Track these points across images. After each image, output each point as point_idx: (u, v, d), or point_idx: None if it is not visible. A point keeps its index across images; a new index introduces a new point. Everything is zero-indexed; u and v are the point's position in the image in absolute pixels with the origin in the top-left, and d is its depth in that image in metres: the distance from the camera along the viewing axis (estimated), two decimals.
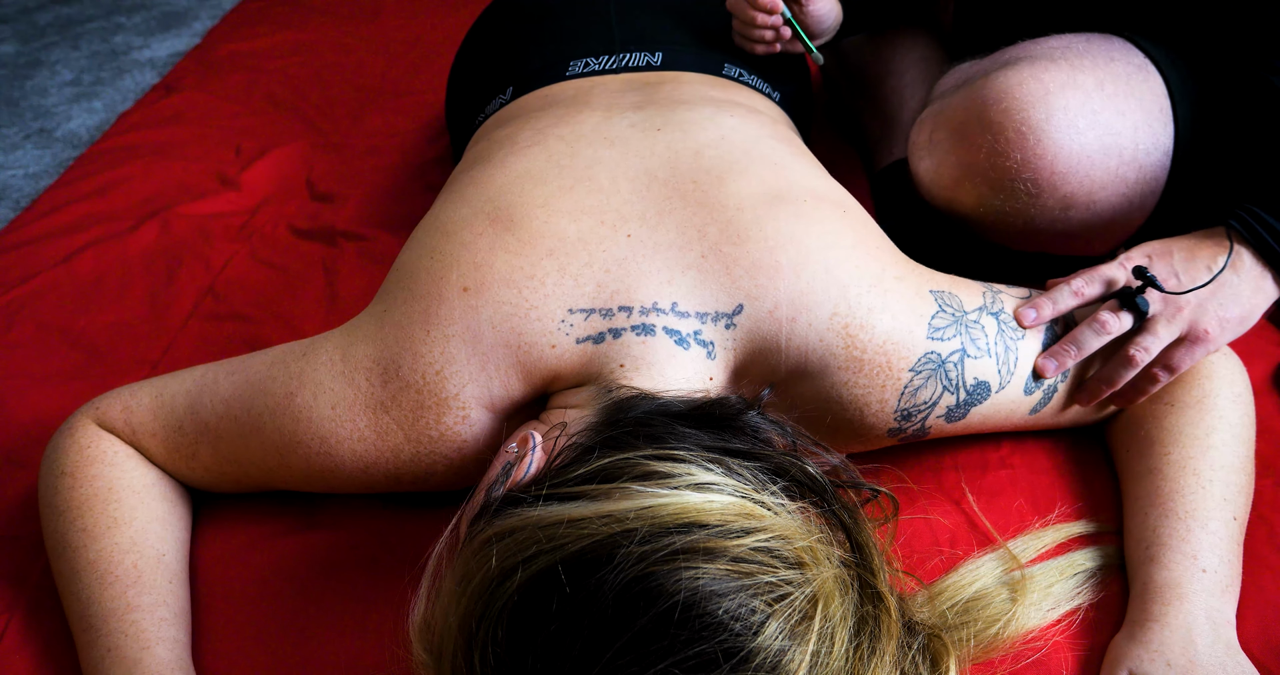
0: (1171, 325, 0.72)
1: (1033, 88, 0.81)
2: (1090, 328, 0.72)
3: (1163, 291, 0.72)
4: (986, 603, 0.65)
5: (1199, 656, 0.61)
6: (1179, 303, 0.72)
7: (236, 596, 0.72)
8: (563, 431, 0.58)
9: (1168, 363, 0.73)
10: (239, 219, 1.18)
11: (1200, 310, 0.72)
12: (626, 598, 0.45)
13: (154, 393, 0.73)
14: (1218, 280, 0.72)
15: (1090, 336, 0.72)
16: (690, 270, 0.67)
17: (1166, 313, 0.72)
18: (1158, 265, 0.74)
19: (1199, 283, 0.72)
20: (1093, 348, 0.72)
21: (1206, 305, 0.72)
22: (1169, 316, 0.72)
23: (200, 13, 1.94)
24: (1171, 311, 0.72)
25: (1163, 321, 0.72)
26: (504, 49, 0.98)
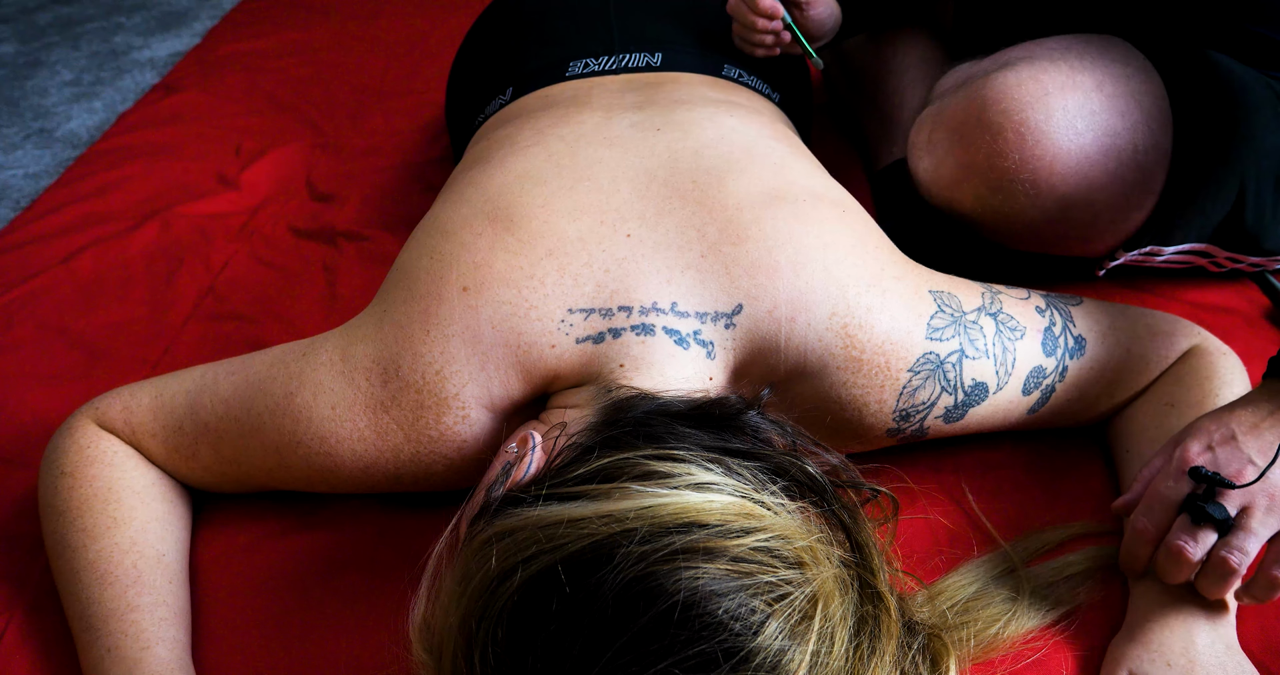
0: (1268, 516, 0.60)
1: (1032, 88, 0.81)
2: (1169, 559, 0.61)
3: (1233, 487, 0.60)
4: (986, 603, 0.65)
5: (1199, 656, 0.61)
6: (1264, 487, 0.60)
7: (236, 596, 0.72)
8: (563, 431, 0.58)
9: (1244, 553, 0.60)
10: (239, 219, 1.18)
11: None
12: (626, 598, 0.45)
13: (154, 393, 0.73)
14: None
15: (1174, 570, 0.62)
16: (690, 270, 0.67)
17: (1258, 503, 0.60)
18: (1222, 454, 0.62)
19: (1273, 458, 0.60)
20: (1184, 578, 0.62)
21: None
22: (1264, 506, 0.60)
23: (200, 13, 1.94)
24: (1264, 501, 0.60)
25: (1257, 513, 0.60)
26: (504, 50, 0.99)
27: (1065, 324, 0.74)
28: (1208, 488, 0.61)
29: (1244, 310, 0.94)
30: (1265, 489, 0.60)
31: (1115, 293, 0.95)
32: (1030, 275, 0.92)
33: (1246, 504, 0.61)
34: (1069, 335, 0.74)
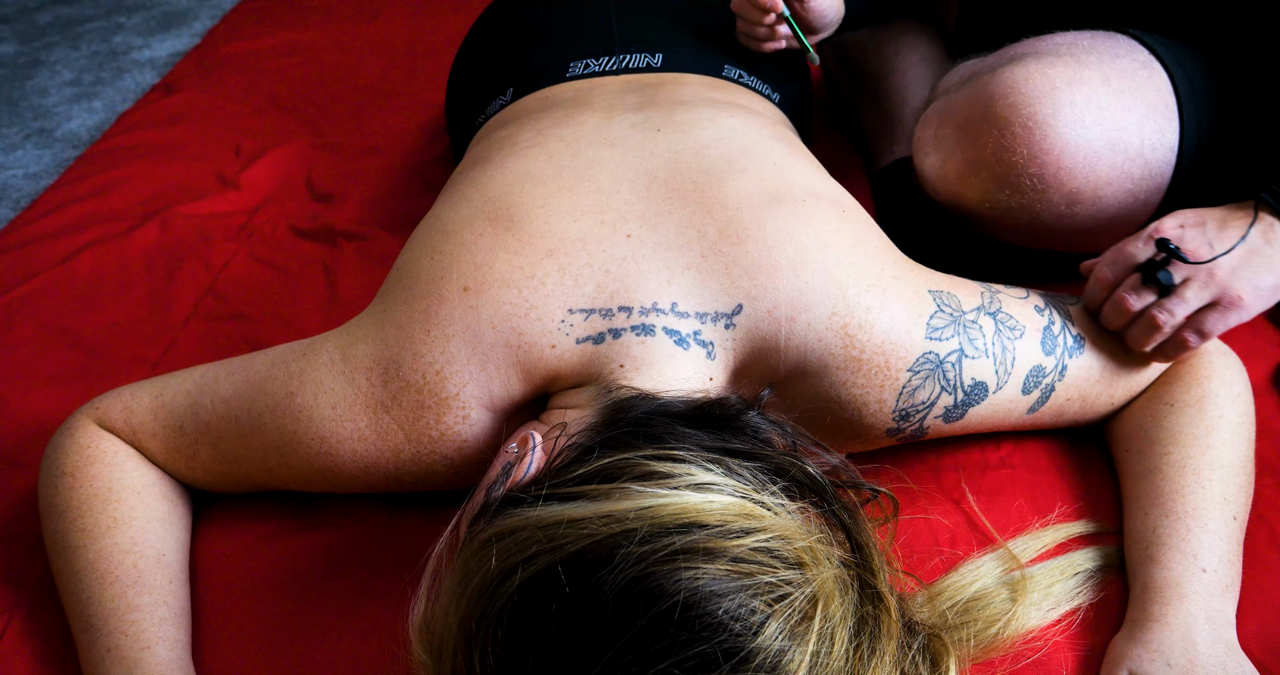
0: (1203, 291, 0.71)
1: (1039, 83, 0.81)
2: (1112, 305, 0.73)
3: (1186, 262, 0.71)
4: (986, 603, 0.65)
5: (1199, 656, 0.61)
6: (1210, 269, 0.71)
7: (236, 596, 0.72)
8: (563, 431, 0.58)
9: (1199, 327, 0.72)
10: (239, 219, 1.18)
11: (1234, 276, 0.71)
12: (626, 598, 0.45)
13: (154, 393, 0.73)
14: (1249, 248, 0.71)
15: (1113, 315, 0.73)
16: (690, 270, 0.67)
17: (1198, 279, 0.71)
18: (1190, 234, 0.73)
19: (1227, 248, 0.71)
20: (1118, 324, 0.73)
21: (1240, 272, 0.71)
22: (1201, 282, 0.71)
23: (200, 13, 1.94)
24: (1203, 278, 0.71)
25: (1193, 287, 0.71)
26: (504, 50, 0.99)
27: (1064, 323, 0.74)
28: (1165, 257, 0.71)
29: None
30: (1209, 269, 0.71)
31: None
32: (1031, 274, 0.92)
33: (1189, 277, 0.71)
34: (1068, 334, 0.74)
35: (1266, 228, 0.72)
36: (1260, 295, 0.72)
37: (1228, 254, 0.71)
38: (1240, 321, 0.72)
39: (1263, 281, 0.71)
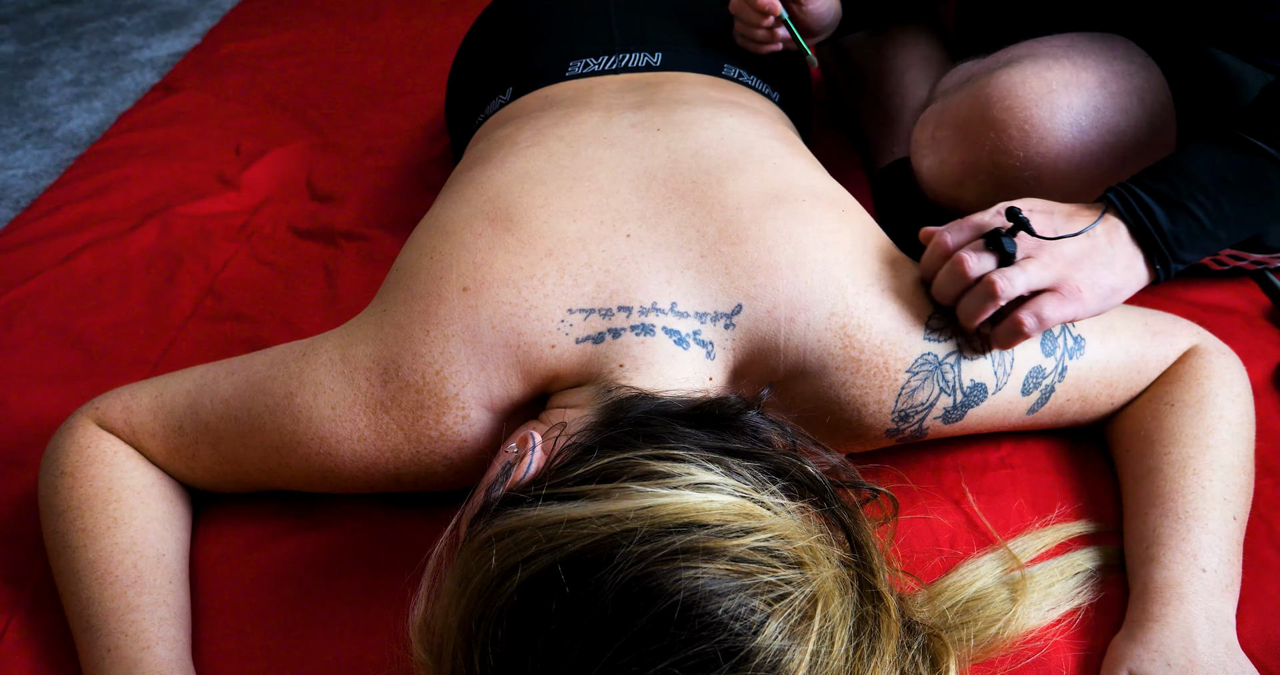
0: (1043, 271, 0.68)
1: (1036, 85, 0.81)
2: (950, 268, 0.68)
3: (1033, 234, 0.68)
4: (986, 603, 0.65)
5: (1199, 656, 0.61)
6: (1053, 251, 0.69)
7: (236, 596, 0.72)
8: (562, 431, 0.58)
9: (1037, 311, 0.67)
10: (239, 219, 1.18)
11: (1074, 267, 0.69)
12: (626, 598, 0.45)
13: (154, 393, 0.73)
14: (1093, 243, 0.69)
15: (948, 280, 0.68)
16: (689, 270, 0.67)
17: (1040, 258, 0.68)
18: (1038, 216, 0.70)
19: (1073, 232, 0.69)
20: (951, 292, 0.69)
21: (1081, 264, 0.69)
22: (1043, 262, 0.68)
23: (200, 13, 1.94)
24: (1045, 259, 0.68)
25: (1035, 264, 0.68)
26: (504, 49, 0.99)
27: (1065, 324, 0.74)
28: (1012, 227, 0.69)
29: (1244, 310, 0.94)
30: (1050, 248, 0.68)
31: None
32: None
33: (1031, 255, 0.68)
34: (1068, 335, 0.74)
35: (1111, 227, 0.71)
36: (1098, 293, 0.69)
37: (1073, 239, 0.69)
38: (1075, 317, 0.69)
39: (1102, 280, 0.69)
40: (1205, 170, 0.70)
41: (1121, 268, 0.70)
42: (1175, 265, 0.72)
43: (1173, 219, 0.70)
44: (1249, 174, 0.70)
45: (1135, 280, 0.71)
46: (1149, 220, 0.70)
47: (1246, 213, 0.71)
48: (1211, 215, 0.70)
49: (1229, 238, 0.72)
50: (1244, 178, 0.70)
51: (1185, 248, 0.71)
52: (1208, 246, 0.72)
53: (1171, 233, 0.70)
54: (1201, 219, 0.70)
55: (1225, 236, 0.72)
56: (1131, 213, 0.71)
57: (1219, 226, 0.71)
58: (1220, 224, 0.71)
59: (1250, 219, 0.71)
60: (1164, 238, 0.70)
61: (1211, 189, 0.70)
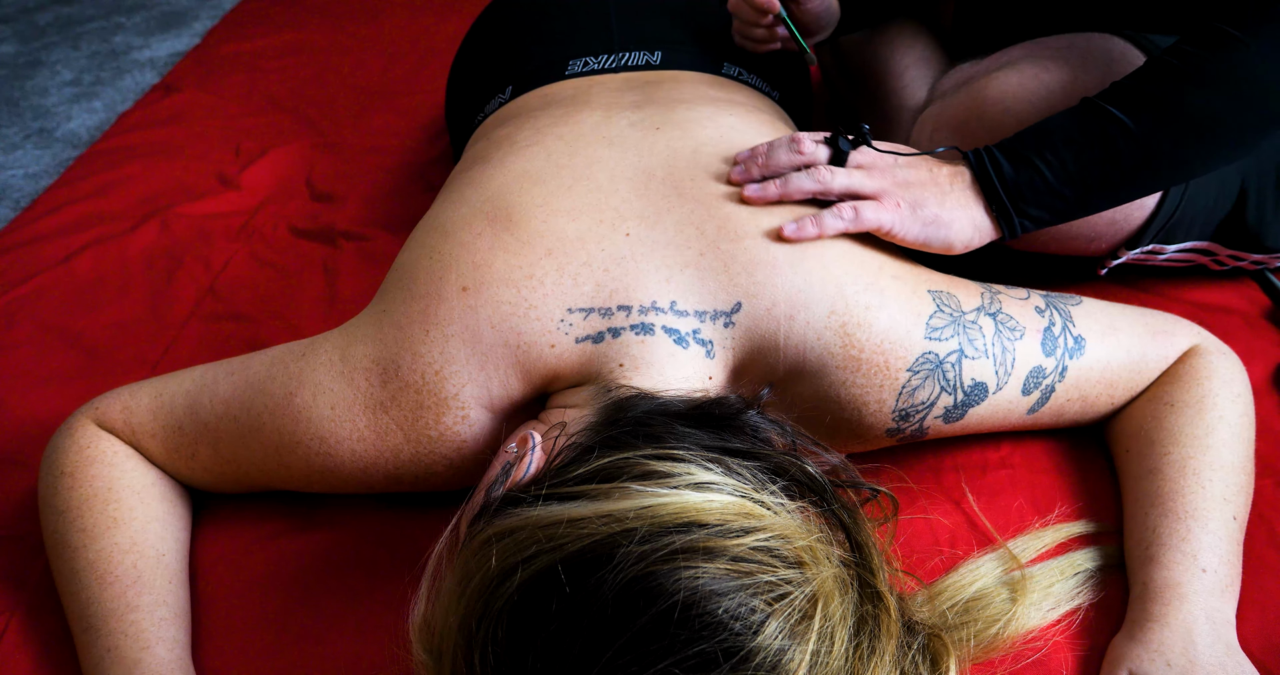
0: (868, 178, 0.72)
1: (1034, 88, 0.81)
2: (787, 144, 0.73)
3: (870, 146, 0.74)
4: (986, 603, 0.65)
5: (1199, 656, 0.61)
6: (885, 169, 0.73)
7: (236, 596, 0.72)
8: (562, 431, 0.58)
9: (856, 206, 0.71)
10: (239, 219, 1.18)
11: (902, 187, 0.72)
12: (626, 597, 0.45)
13: (154, 393, 0.73)
14: (933, 178, 0.72)
15: (783, 150, 0.72)
16: (689, 268, 0.67)
17: (868, 168, 0.73)
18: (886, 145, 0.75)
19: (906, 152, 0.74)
20: (781, 162, 0.72)
21: (910, 187, 0.72)
22: (868, 170, 0.73)
23: (200, 13, 1.94)
24: (875, 173, 0.72)
25: (862, 173, 0.72)
26: (503, 49, 0.99)
27: (1065, 324, 0.74)
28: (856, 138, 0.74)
29: (1244, 310, 0.94)
30: (884, 168, 0.73)
31: (1116, 292, 0.95)
32: (1030, 275, 0.92)
33: (864, 165, 0.73)
34: (1069, 335, 0.74)
35: (956, 173, 0.73)
36: (917, 216, 0.71)
37: (913, 168, 0.72)
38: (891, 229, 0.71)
39: (927, 207, 0.72)
40: (1058, 131, 0.72)
41: (954, 205, 0.72)
42: (1021, 220, 0.73)
43: (1016, 170, 0.71)
44: (1098, 137, 0.71)
45: (969, 224, 0.73)
46: (993, 169, 0.72)
47: (1092, 174, 0.71)
48: (1055, 171, 0.71)
49: (1075, 199, 0.73)
50: (1092, 140, 0.71)
51: (1028, 201, 0.72)
52: (1054, 205, 0.73)
53: (1013, 181, 0.71)
54: (1045, 173, 0.71)
55: (1071, 196, 0.72)
56: (979, 162, 0.72)
57: (1064, 184, 0.71)
58: (1065, 182, 0.71)
59: (1097, 181, 0.72)
60: (1005, 185, 0.71)
61: (1060, 148, 0.71)
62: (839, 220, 0.69)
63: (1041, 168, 0.71)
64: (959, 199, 0.72)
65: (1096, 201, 0.74)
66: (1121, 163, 0.71)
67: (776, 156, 0.72)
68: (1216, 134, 0.71)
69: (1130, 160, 0.71)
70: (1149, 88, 0.71)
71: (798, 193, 0.70)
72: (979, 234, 0.73)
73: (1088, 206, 0.74)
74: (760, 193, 0.70)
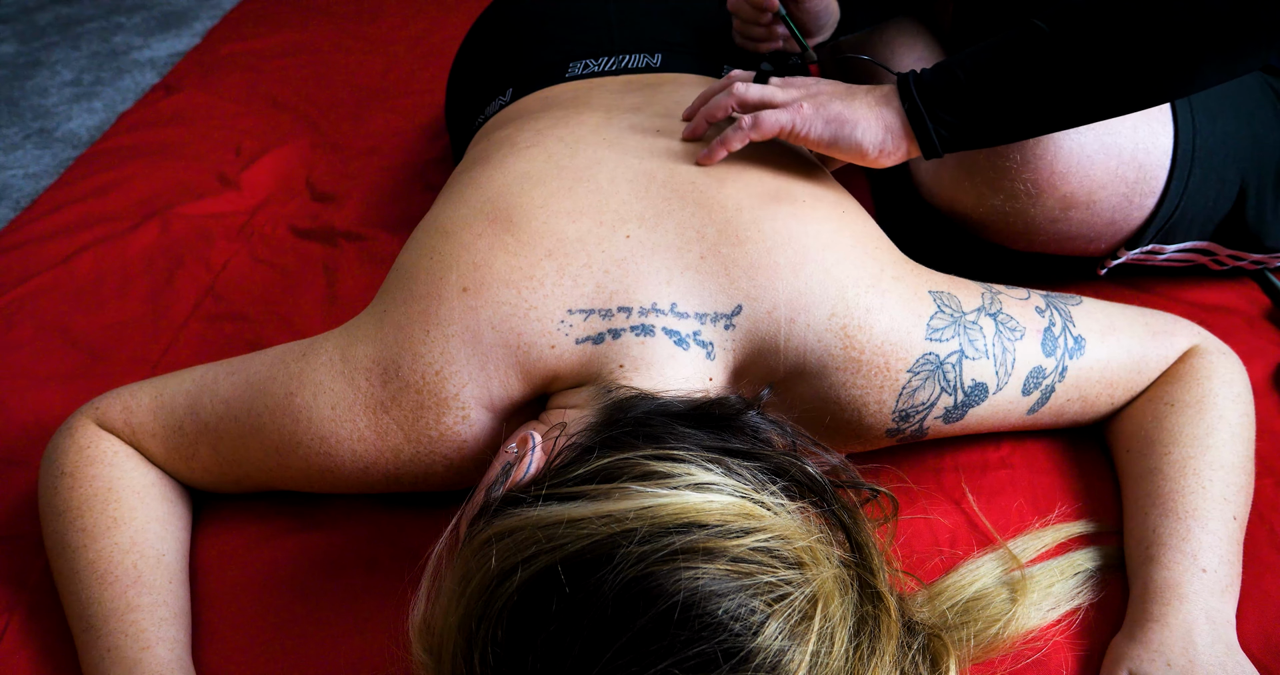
0: (779, 91, 0.75)
1: None
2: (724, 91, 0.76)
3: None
4: (986, 603, 0.65)
5: (1199, 657, 0.61)
6: (799, 83, 0.76)
7: (236, 596, 0.72)
8: (562, 431, 0.58)
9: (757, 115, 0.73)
10: (239, 219, 1.18)
11: (810, 96, 0.74)
12: (626, 598, 0.45)
13: (154, 393, 0.73)
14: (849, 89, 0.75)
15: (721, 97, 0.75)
16: (689, 271, 0.67)
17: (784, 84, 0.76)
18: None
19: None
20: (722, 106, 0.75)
21: (819, 95, 0.74)
22: (785, 85, 0.76)
23: (200, 13, 1.94)
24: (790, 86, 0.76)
25: (779, 88, 0.75)
26: (504, 50, 0.99)
27: (1065, 324, 0.74)
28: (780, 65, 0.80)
29: (1244, 310, 0.94)
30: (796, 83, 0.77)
31: (1116, 292, 0.95)
32: (1030, 275, 0.92)
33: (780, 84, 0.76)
34: (1069, 335, 0.74)
35: (873, 88, 0.74)
36: (819, 115, 0.72)
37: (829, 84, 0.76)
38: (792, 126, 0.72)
39: (830, 106, 0.73)
40: (983, 46, 0.72)
41: (862, 106, 0.73)
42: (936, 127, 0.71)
43: (934, 75, 0.72)
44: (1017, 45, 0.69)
45: (878, 123, 0.72)
46: (911, 77, 0.72)
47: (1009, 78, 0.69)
48: (969, 71, 0.70)
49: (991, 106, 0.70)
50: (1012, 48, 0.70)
51: (940, 103, 0.71)
52: (968, 108, 0.71)
53: (929, 83, 0.71)
54: (958, 74, 0.71)
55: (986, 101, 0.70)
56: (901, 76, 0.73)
57: (977, 84, 0.70)
58: (977, 79, 0.70)
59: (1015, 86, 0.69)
60: (920, 85, 0.72)
61: (980, 54, 0.71)
62: (740, 130, 0.72)
63: (956, 71, 0.71)
64: (869, 101, 0.73)
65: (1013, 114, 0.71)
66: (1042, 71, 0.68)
67: (716, 103, 0.75)
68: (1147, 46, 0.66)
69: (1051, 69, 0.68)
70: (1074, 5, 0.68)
71: (720, 114, 0.74)
72: (891, 136, 0.73)
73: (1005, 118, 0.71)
74: (708, 156, 0.72)
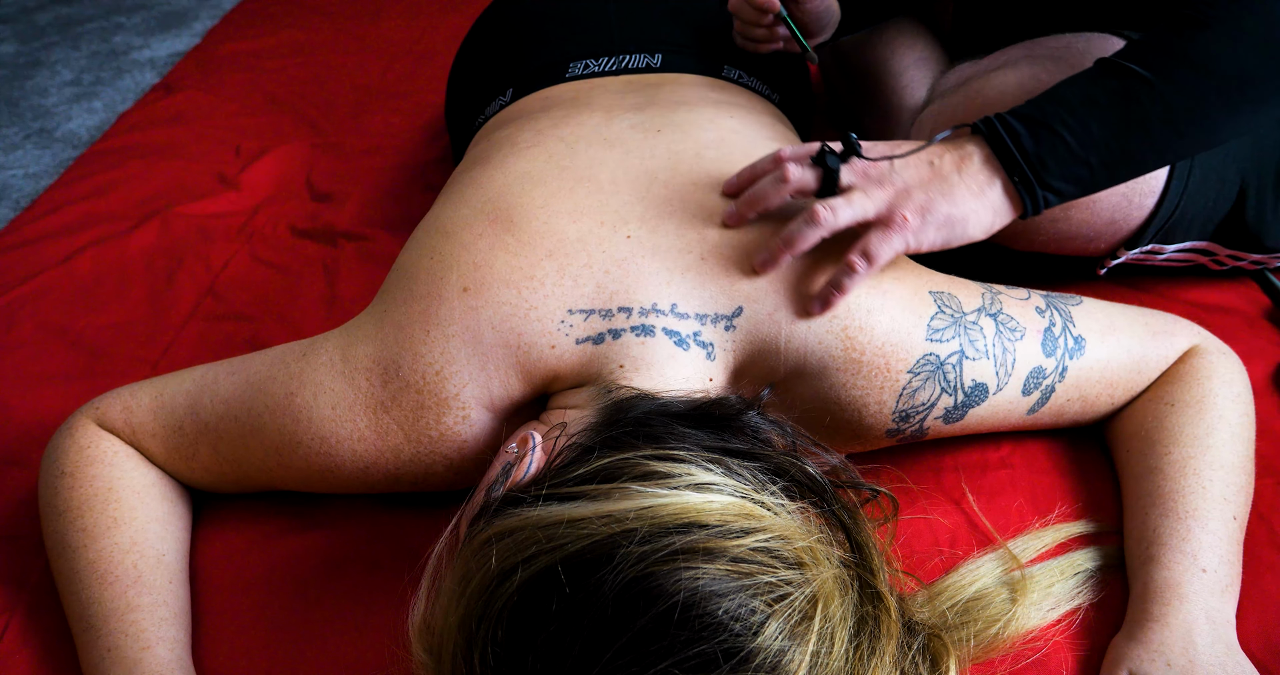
0: (867, 199, 0.66)
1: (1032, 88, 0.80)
2: (772, 176, 0.67)
3: (859, 156, 0.66)
4: (986, 603, 0.65)
5: (1199, 657, 0.61)
6: (880, 180, 0.66)
7: (236, 596, 0.72)
8: (562, 431, 0.58)
9: (865, 249, 0.65)
10: (239, 219, 1.18)
11: (904, 195, 0.66)
12: (626, 598, 0.45)
13: (154, 393, 0.73)
14: (936, 172, 0.66)
15: (769, 185, 0.67)
16: (690, 272, 0.67)
17: (864, 186, 0.66)
18: (879, 145, 0.68)
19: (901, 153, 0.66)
20: (770, 200, 0.67)
21: (913, 192, 0.66)
22: (866, 189, 0.66)
23: (200, 13, 1.94)
24: (870, 186, 0.66)
25: (859, 192, 0.66)
26: (504, 50, 0.99)
27: (1065, 324, 0.74)
28: (844, 150, 0.68)
29: (1244, 310, 0.94)
30: (881, 177, 0.67)
31: (1115, 292, 0.95)
32: (1030, 275, 0.92)
33: (854, 184, 0.67)
34: (1069, 335, 0.74)
35: (962, 156, 0.67)
36: (930, 222, 0.66)
37: (912, 168, 0.66)
38: (906, 247, 0.66)
39: (937, 208, 0.66)
40: (1075, 94, 0.67)
41: (965, 196, 0.67)
42: (1045, 193, 0.67)
43: (1037, 140, 0.66)
44: (1120, 95, 0.66)
45: (987, 210, 0.67)
46: (1011, 140, 0.66)
47: (1116, 136, 0.66)
48: (1079, 137, 0.66)
49: (1101, 166, 0.67)
50: (1115, 99, 0.66)
51: (1051, 172, 0.66)
52: (1079, 174, 0.67)
53: (1035, 153, 0.66)
54: (1068, 140, 0.66)
55: (1096, 163, 0.67)
56: (993, 133, 0.67)
57: (1089, 151, 0.66)
58: (1090, 148, 0.66)
59: (1121, 143, 0.67)
60: (1027, 158, 0.66)
61: (1080, 111, 0.66)
62: (857, 273, 0.65)
63: (1063, 133, 0.65)
64: (970, 186, 0.67)
65: (1121, 169, 0.69)
66: (1146, 123, 0.66)
67: (764, 193, 0.67)
68: (1242, 88, 0.65)
69: (1154, 119, 0.66)
70: (1168, 41, 0.66)
71: (805, 246, 0.65)
72: (998, 216, 0.68)
73: (1113, 176, 0.69)
74: (768, 262, 0.66)
